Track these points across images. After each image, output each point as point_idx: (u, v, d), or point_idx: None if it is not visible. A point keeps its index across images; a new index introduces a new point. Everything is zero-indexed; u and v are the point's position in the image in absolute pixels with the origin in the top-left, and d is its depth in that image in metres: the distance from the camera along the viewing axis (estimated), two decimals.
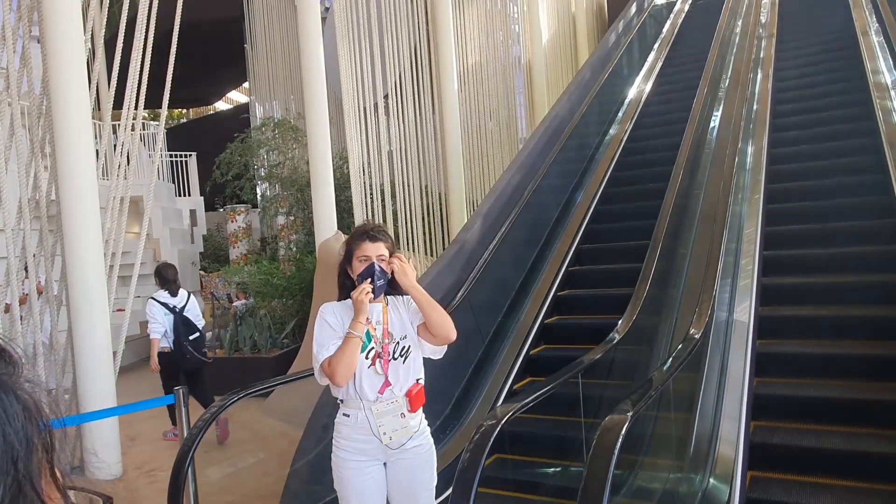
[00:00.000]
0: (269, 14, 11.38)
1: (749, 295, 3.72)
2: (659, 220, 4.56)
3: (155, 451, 5.07)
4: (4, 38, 4.44)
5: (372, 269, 2.09)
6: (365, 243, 2.14)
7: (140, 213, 7.29)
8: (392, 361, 2.14)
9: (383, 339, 2.15)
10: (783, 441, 3.03)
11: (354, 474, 2.13)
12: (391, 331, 2.17)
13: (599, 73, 7.59)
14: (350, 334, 2.07)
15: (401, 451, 2.13)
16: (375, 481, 2.15)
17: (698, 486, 2.79)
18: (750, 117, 5.91)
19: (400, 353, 2.15)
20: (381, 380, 2.12)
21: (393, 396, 2.12)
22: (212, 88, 19.85)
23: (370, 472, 2.14)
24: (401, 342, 2.16)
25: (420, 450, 2.16)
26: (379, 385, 2.12)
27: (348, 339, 2.07)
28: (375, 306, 2.18)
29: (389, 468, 2.17)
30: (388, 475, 2.17)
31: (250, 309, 8.45)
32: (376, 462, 2.15)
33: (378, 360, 2.13)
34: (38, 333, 4.53)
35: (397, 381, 2.13)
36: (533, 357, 4.43)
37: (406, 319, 2.20)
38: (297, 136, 9.42)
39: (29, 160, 4.56)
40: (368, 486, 2.14)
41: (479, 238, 4.73)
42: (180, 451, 2.58)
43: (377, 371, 2.12)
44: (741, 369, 3.21)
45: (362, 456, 2.13)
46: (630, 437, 1.80)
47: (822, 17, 8.80)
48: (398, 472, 2.15)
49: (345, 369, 2.07)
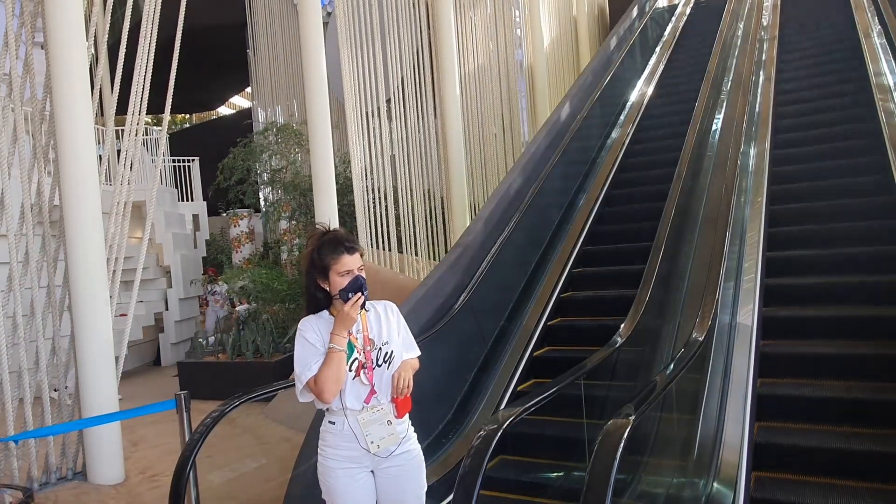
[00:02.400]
0: (272, 19, 11.43)
1: (752, 297, 3.70)
2: (661, 222, 4.55)
3: (157, 456, 5.07)
4: (8, 44, 4.46)
5: (359, 282, 2.03)
6: (344, 257, 2.06)
7: (143, 217, 7.30)
8: (377, 369, 2.10)
9: (365, 346, 2.11)
10: (788, 441, 3.02)
11: (343, 482, 2.09)
12: (371, 337, 2.13)
13: (601, 77, 7.59)
14: (333, 349, 2.03)
15: (389, 458, 2.10)
16: (364, 488, 2.11)
17: (702, 490, 2.78)
18: (752, 119, 5.90)
19: (384, 360, 2.11)
20: (367, 389, 2.09)
21: (379, 404, 2.09)
22: (215, 94, 19.92)
23: (359, 479, 2.10)
24: (383, 348, 2.11)
25: (408, 456, 2.13)
26: (365, 395, 2.08)
27: (332, 356, 2.02)
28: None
29: (378, 476, 2.13)
30: (377, 483, 2.13)
31: (253, 313, 8.46)
32: (364, 469, 2.11)
33: (363, 370, 2.08)
34: (41, 339, 4.54)
35: (382, 389, 2.10)
36: (537, 358, 4.43)
37: (384, 323, 2.17)
38: (299, 141, 9.45)
39: (32, 165, 4.58)
40: (358, 493, 2.09)
41: (480, 242, 4.73)
42: (181, 456, 2.57)
43: (362, 381, 2.08)
44: (744, 372, 3.20)
45: (350, 463, 2.09)
46: (633, 441, 1.79)
47: (824, 20, 8.79)
48: (386, 479, 2.12)
49: (333, 386, 2.02)
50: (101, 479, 4.48)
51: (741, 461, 2.78)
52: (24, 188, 4.49)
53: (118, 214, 4.86)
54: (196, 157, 12.82)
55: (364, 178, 7.32)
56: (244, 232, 11.46)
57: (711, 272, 3.50)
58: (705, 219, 4.48)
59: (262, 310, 8.24)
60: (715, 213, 4.25)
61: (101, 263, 4.50)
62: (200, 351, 7.55)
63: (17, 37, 4.49)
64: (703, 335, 2.86)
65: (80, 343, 4.45)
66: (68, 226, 4.42)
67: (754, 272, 3.90)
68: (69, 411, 4.62)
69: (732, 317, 3.58)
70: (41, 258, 4.61)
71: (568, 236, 5.64)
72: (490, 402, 4.08)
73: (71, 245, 4.42)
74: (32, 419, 4.43)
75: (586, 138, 6.88)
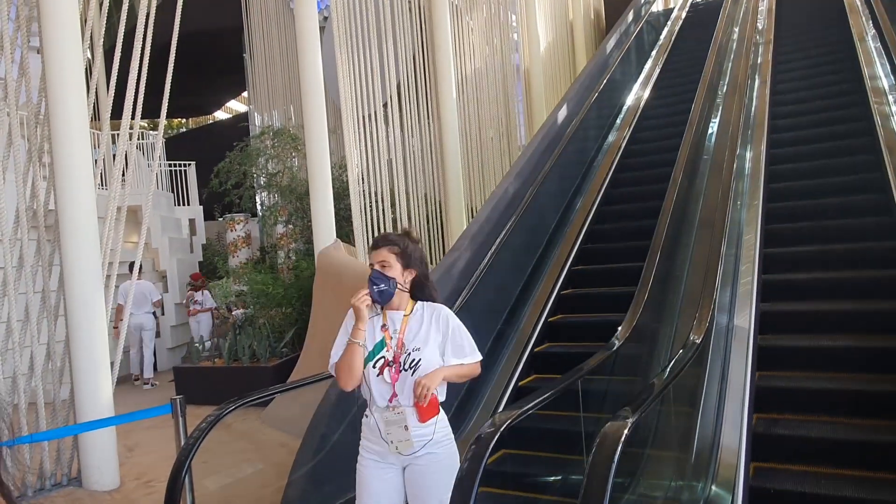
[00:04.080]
0: (268, 23, 11.42)
1: (749, 298, 3.71)
2: (659, 223, 4.55)
3: (153, 461, 5.04)
4: (3, 48, 4.45)
5: (371, 278, 2.12)
6: (371, 252, 2.22)
7: (138, 222, 7.27)
8: (403, 372, 2.11)
9: (397, 349, 2.12)
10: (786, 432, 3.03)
11: (368, 473, 2.15)
12: (405, 341, 2.13)
13: (597, 81, 7.61)
14: (349, 341, 2.10)
15: (412, 457, 2.11)
16: (390, 485, 2.14)
17: (700, 493, 2.77)
18: (748, 122, 5.92)
19: (409, 365, 2.10)
20: (390, 389, 2.11)
21: (399, 405, 2.10)
22: (211, 98, 19.90)
23: (384, 475, 2.14)
24: (412, 353, 2.11)
25: (432, 458, 2.11)
26: (388, 394, 2.11)
27: (348, 347, 2.11)
28: (396, 314, 2.18)
29: (406, 472, 2.15)
30: (406, 479, 2.15)
31: (249, 318, 8.42)
32: (392, 466, 2.14)
33: (387, 369, 2.11)
34: (36, 344, 4.51)
35: (403, 392, 2.10)
36: (538, 353, 4.44)
37: (424, 328, 2.16)
38: (295, 145, 9.43)
39: (27, 169, 4.56)
40: (381, 488, 2.13)
41: (477, 245, 4.73)
42: (176, 460, 2.56)
43: (385, 380, 2.11)
44: (742, 373, 3.20)
45: (377, 457, 2.15)
46: (630, 444, 1.78)
47: (819, 24, 8.83)
48: (412, 476, 2.14)
49: (345, 374, 2.11)
50: (96, 485, 4.45)
51: (739, 461, 2.78)
52: (19, 192, 4.47)
53: (113, 219, 4.84)
54: (192, 162, 12.80)
55: (361, 182, 7.31)
56: (241, 236, 11.43)
57: (708, 273, 3.50)
58: (702, 221, 4.50)
59: (258, 314, 8.21)
60: (711, 214, 4.26)
61: (97, 268, 4.48)
62: (196, 356, 7.52)
63: (12, 40, 4.47)
64: (700, 336, 2.86)
65: (75, 348, 4.43)
66: (63, 230, 4.40)
67: (751, 274, 3.90)
68: (64, 416, 4.60)
69: (730, 319, 3.58)
70: (36, 262, 4.59)
71: (565, 238, 5.65)
72: (489, 404, 4.08)
73: (66, 249, 4.40)
74: (27, 425, 4.40)
75: (583, 141, 6.89)
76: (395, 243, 2.18)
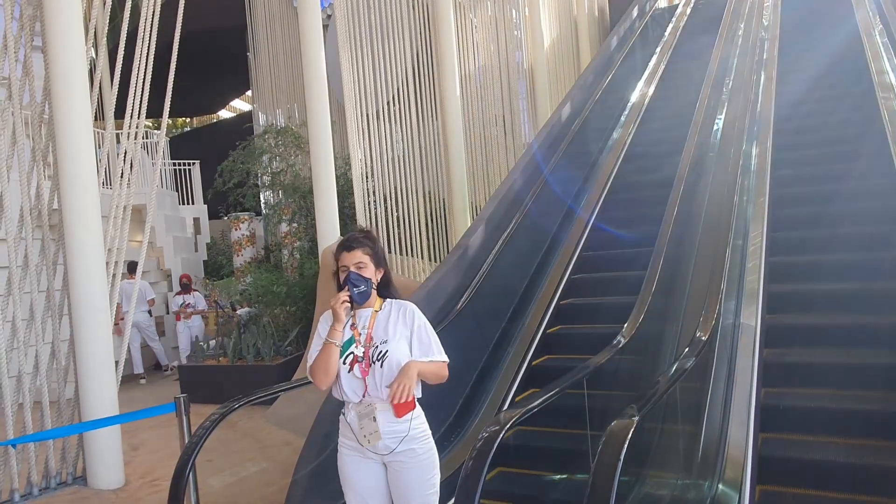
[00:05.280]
0: (271, 22, 11.42)
1: (755, 301, 3.68)
2: (662, 225, 4.53)
3: (158, 460, 5.05)
4: (6, 48, 4.45)
5: (348, 279, 2.15)
6: (343, 254, 2.21)
7: (143, 221, 7.28)
8: (372, 365, 2.16)
9: (366, 343, 2.18)
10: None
11: (349, 468, 2.21)
12: (373, 335, 2.19)
13: (601, 77, 7.57)
14: (325, 341, 2.15)
15: (392, 454, 2.14)
16: (371, 480, 2.18)
17: (707, 492, 2.75)
18: (754, 119, 5.88)
19: (377, 357, 2.16)
20: (361, 384, 2.16)
21: (370, 400, 2.16)
22: (215, 97, 19.94)
23: (365, 470, 2.18)
24: (379, 346, 2.17)
25: (412, 454, 2.15)
26: (360, 390, 2.17)
27: (324, 346, 2.16)
28: (365, 312, 2.24)
29: (388, 471, 2.19)
30: (389, 478, 2.20)
31: (253, 317, 8.43)
32: (371, 461, 2.18)
33: (357, 365, 2.16)
34: (41, 343, 4.52)
35: (373, 385, 2.15)
36: (536, 367, 4.41)
37: (391, 323, 2.21)
38: (299, 144, 9.42)
39: (31, 169, 4.56)
40: (363, 483, 2.19)
41: (481, 243, 4.71)
42: (180, 458, 2.55)
43: (356, 375, 2.16)
44: (748, 374, 3.17)
45: (355, 453, 2.20)
46: (636, 443, 1.76)
47: (825, 19, 8.75)
48: (392, 474, 2.18)
49: (322, 375, 2.16)
50: (101, 483, 4.46)
51: (746, 461, 2.76)
52: (24, 192, 4.48)
53: (118, 218, 4.84)
54: (197, 161, 12.81)
55: (364, 180, 7.30)
56: (245, 235, 11.44)
57: (714, 273, 3.48)
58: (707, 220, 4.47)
59: (263, 313, 8.22)
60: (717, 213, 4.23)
61: (101, 267, 4.49)
62: (201, 355, 7.52)
63: (16, 40, 4.48)
64: (706, 335, 2.84)
65: (79, 347, 4.43)
66: (68, 229, 4.40)
67: (757, 275, 3.88)
68: (69, 415, 4.60)
69: (735, 319, 3.55)
70: (40, 262, 4.60)
71: (569, 236, 5.64)
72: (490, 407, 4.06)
73: (70, 249, 4.40)
74: (32, 424, 4.41)
75: (587, 139, 6.86)
76: (367, 244, 2.23)
